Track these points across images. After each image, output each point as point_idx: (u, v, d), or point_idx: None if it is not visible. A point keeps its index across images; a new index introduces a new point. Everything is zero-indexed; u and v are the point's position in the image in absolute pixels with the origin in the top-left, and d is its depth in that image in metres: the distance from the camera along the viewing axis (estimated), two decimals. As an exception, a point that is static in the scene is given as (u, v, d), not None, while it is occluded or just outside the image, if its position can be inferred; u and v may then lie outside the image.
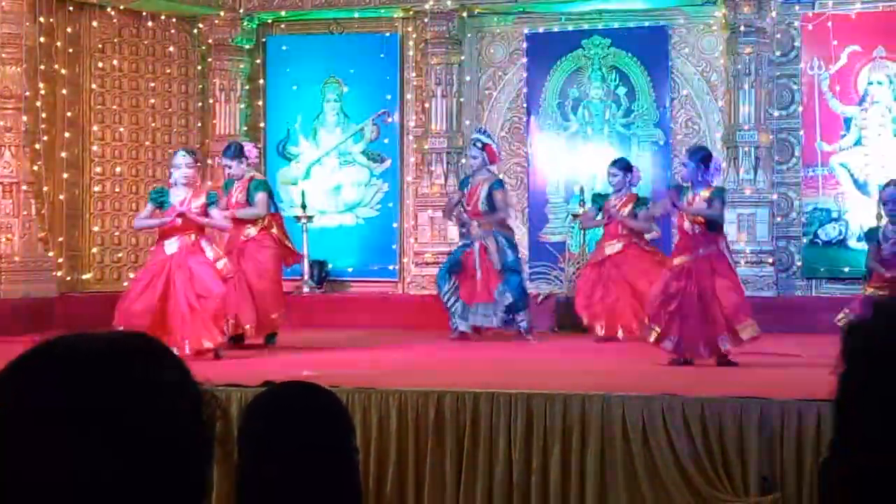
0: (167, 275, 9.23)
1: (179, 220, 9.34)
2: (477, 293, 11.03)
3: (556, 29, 13.54)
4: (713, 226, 8.94)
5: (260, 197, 10.33)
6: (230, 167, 10.43)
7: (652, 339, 8.95)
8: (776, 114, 12.77)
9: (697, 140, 12.96)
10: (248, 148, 10.65)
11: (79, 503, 1.31)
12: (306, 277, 13.36)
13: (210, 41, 13.88)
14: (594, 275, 11.24)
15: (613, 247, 11.22)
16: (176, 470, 1.37)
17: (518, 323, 11.01)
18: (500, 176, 12.09)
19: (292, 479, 2.72)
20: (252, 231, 10.35)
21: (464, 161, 12.80)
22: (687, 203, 8.95)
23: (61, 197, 12.81)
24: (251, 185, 10.38)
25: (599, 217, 11.47)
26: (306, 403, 2.85)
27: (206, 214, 9.46)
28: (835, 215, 12.40)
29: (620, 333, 10.86)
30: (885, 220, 9.32)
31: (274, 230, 10.50)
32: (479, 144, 11.33)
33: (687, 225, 8.98)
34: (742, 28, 12.49)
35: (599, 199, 11.54)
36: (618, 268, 11.09)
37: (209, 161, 13.82)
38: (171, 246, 9.34)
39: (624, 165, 11.43)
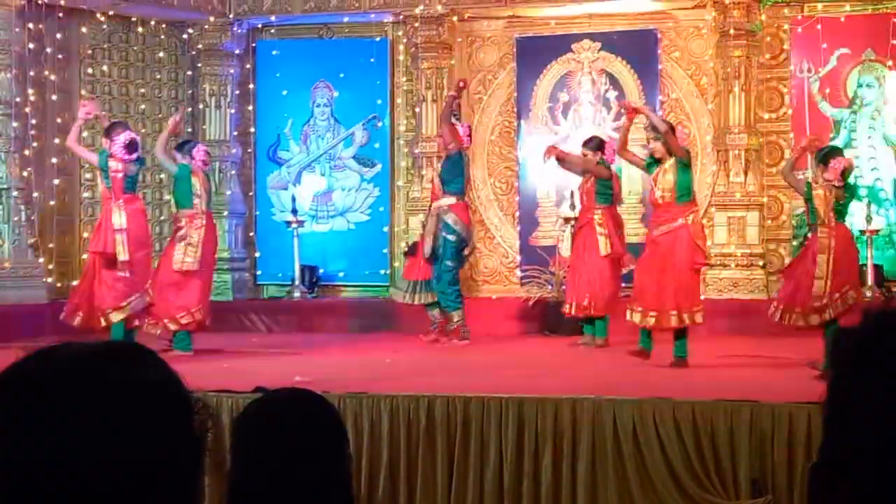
0: None
1: None
2: (419, 269, 11.05)
3: (545, 33, 13.55)
4: (684, 196, 9.10)
5: None
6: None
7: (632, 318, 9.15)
8: (766, 116, 12.80)
9: (687, 143, 12.95)
10: (198, 149, 10.50)
11: None
12: (297, 282, 13.35)
13: (200, 46, 13.87)
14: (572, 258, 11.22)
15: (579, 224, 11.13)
16: (165, 477, 1.37)
17: (452, 323, 11.00)
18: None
19: (284, 487, 2.71)
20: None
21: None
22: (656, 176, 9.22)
23: (51, 203, 12.79)
24: None
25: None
26: (299, 411, 2.84)
27: None
28: (825, 218, 12.38)
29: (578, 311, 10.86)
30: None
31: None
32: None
33: (658, 194, 9.09)
34: (732, 31, 12.50)
35: None
36: (582, 245, 10.99)
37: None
38: None
39: (596, 145, 11.24)
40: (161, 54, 13.95)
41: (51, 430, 1.32)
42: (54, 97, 12.97)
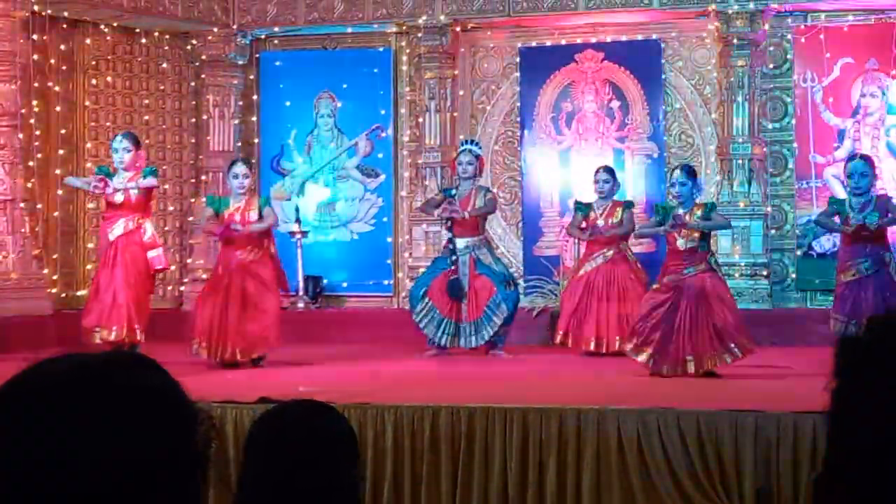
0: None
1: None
2: (468, 311, 10.90)
3: (549, 43, 13.56)
4: (706, 243, 9.05)
5: (269, 211, 10.41)
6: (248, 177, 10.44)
7: (628, 349, 9.10)
8: (770, 126, 12.80)
9: (691, 153, 13.01)
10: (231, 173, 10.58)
11: None
12: (301, 293, 13.34)
13: (203, 57, 13.89)
14: (580, 289, 11.11)
15: (599, 259, 11.12)
16: (165, 483, 1.37)
17: (499, 336, 10.95)
18: (494, 189, 12.20)
19: (294, 498, 2.70)
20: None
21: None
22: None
23: (56, 214, 12.80)
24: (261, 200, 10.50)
25: (584, 225, 11.31)
26: (312, 422, 2.81)
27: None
28: (829, 227, 12.39)
29: (598, 347, 10.86)
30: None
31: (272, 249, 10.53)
32: (475, 154, 11.24)
33: (681, 242, 9.04)
34: (735, 41, 12.51)
35: (584, 208, 11.40)
36: (605, 280, 11.01)
37: (203, 177, 13.84)
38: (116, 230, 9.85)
39: (612, 171, 11.45)
40: (165, 65, 13.96)
41: (52, 433, 1.33)
42: (59, 108, 12.98)
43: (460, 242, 11.03)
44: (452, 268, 10.98)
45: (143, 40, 13.76)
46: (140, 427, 1.36)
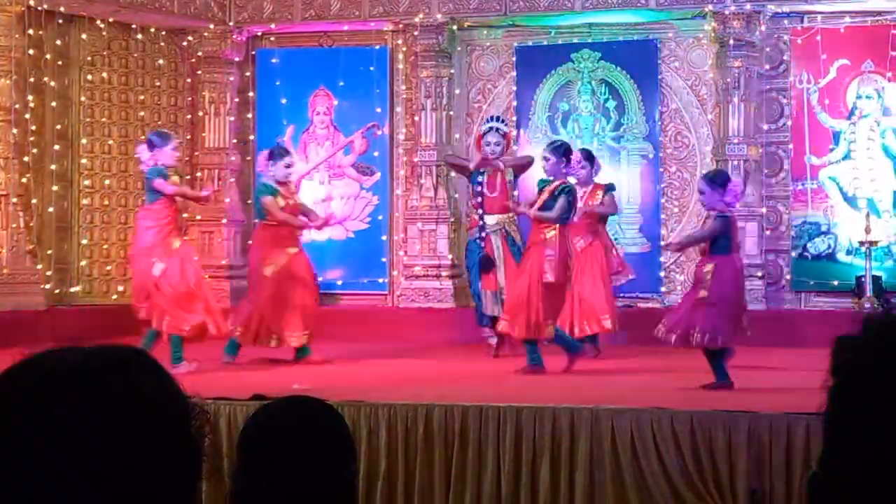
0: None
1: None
2: (497, 281, 10.89)
3: (545, 42, 13.56)
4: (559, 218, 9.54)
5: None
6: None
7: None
8: (765, 127, 12.80)
9: (687, 154, 13.02)
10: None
11: None
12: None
13: (199, 54, 13.86)
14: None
15: (578, 243, 11.03)
16: (163, 483, 1.36)
17: (489, 335, 10.95)
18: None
19: (289, 496, 2.69)
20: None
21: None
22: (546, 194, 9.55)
23: (50, 209, 12.77)
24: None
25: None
26: (310, 424, 2.79)
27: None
28: (824, 229, 12.41)
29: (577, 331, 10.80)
30: None
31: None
32: (502, 133, 11.20)
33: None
34: (731, 42, 12.51)
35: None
36: (582, 265, 10.90)
37: (198, 174, 13.81)
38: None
39: (590, 155, 11.42)
40: (161, 61, 13.94)
41: (47, 438, 1.31)
42: (54, 104, 12.95)
43: (490, 219, 11.00)
44: (483, 245, 10.96)
45: (139, 36, 13.74)
46: (135, 423, 1.35)
